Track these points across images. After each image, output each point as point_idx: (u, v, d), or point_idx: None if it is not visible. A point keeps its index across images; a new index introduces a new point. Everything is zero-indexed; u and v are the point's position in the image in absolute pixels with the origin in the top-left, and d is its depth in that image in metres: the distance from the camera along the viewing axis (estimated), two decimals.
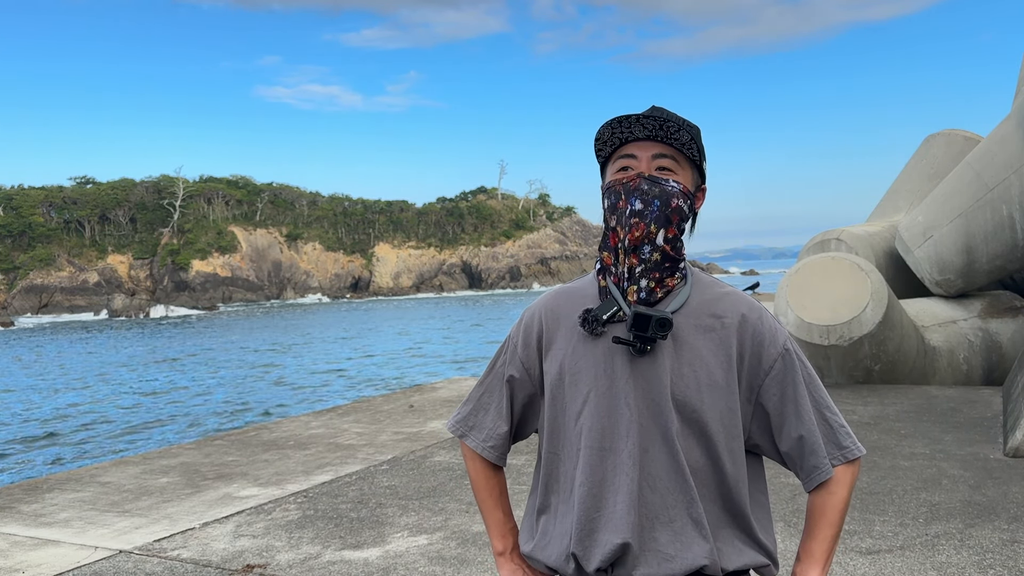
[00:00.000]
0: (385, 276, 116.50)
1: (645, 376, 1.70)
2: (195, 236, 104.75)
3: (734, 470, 1.72)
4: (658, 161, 1.73)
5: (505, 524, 1.95)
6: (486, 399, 1.92)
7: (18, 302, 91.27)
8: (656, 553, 1.68)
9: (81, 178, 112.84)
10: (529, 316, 1.87)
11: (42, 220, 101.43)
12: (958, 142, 13.17)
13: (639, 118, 1.71)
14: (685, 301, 1.74)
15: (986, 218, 10.41)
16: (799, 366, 1.76)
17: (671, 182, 1.72)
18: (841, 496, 1.75)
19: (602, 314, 1.71)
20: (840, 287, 9.46)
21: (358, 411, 9.56)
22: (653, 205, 1.69)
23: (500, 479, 1.96)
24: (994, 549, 4.34)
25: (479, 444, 1.91)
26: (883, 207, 14.08)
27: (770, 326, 1.75)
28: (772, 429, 1.76)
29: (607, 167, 1.80)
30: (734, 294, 1.79)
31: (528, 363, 1.85)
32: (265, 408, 21.75)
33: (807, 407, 1.74)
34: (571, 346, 1.77)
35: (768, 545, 1.77)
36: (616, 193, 1.73)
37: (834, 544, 1.77)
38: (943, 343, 10.43)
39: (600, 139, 1.77)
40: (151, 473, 6.91)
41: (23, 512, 5.88)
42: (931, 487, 5.49)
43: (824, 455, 1.74)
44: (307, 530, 5.17)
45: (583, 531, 1.71)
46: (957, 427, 7.26)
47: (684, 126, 1.73)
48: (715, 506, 1.72)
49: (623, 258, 1.72)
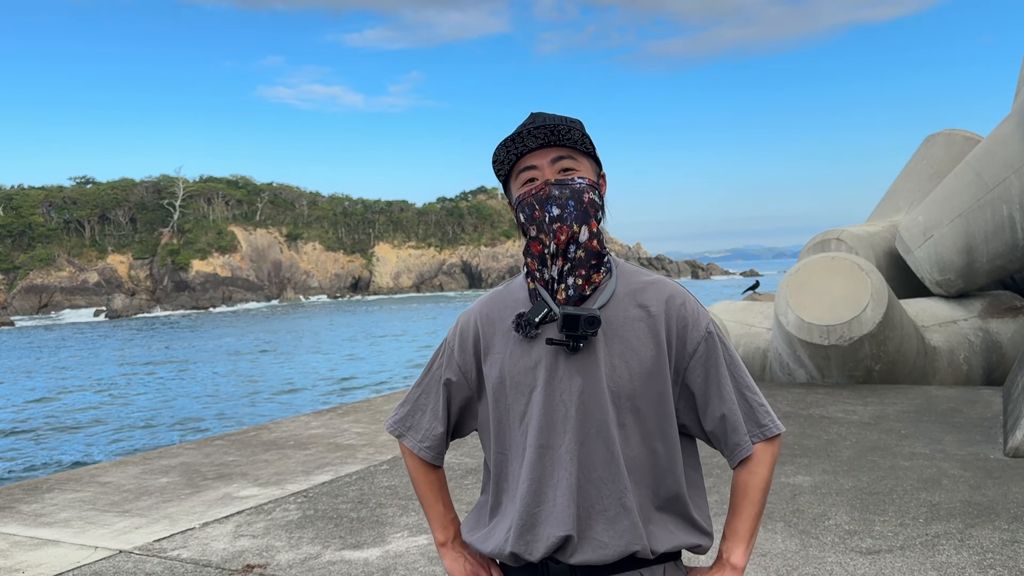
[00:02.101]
0: (385, 276, 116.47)
1: (580, 372, 1.77)
2: (195, 236, 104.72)
3: (668, 454, 1.81)
4: (559, 164, 1.80)
5: (446, 516, 2.03)
6: (423, 401, 1.99)
7: (18, 302, 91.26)
8: (592, 541, 1.76)
9: (81, 178, 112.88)
10: (465, 321, 1.93)
11: (42, 220, 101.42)
12: (958, 142, 13.16)
13: (530, 131, 1.78)
14: (612, 294, 1.81)
15: (986, 218, 10.41)
16: (721, 348, 1.84)
17: (577, 179, 1.79)
18: (762, 475, 1.84)
19: (534, 317, 1.78)
20: (840, 287, 9.46)
21: (358, 411, 9.56)
22: (569, 206, 1.76)
23: (439, 475, 2.04)
24: (994, 549, 4.34)
25: (415, 444, 1.98)
26: (883, 207, 14.07)
27: (693, 310, 1.84)
28: (697, 409, 1.85)
29: (510, 184, 1.86)
30: (659, 282, 1.86)
31: (465, 367, 1.91)
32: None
33: (728, 387, 1.82)
34: (508, 350, 1.83)
35: (702, 523, 1.86)
36: (530, 205, 1.79)
37: (757, 522, 1.87)
38: (943, 343, 10.43)
39: (497, 160, 1.84)
40: (151, 473, 6.90)
41: (23, 512, 5.88)
42: (931, 487, 5.49)
43: (744, 433, 1.82)
44: (307, 530, 5.17)
45: (524, 526, 1.78)
46: (957, 427, 7.25)
47: (571, 124, 1.80)
48: (650, 491, 1.80)
49: (550, 262, 1.78)
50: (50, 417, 21.53)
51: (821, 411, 8.20)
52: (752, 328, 11.62)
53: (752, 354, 11.30)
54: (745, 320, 11.90)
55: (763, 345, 11.18)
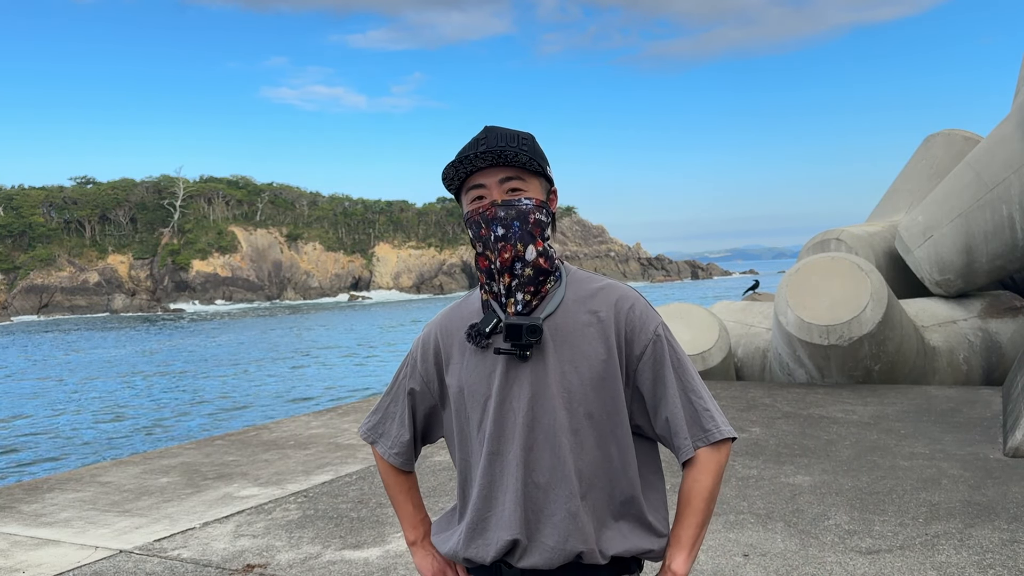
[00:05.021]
0: (385, 276, 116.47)
1: (531, 380, 1.80)
2: (195, 236, 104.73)
3: (622, 457, 1.84)
4: (506, 184, 1.82)
5: (415, 516, 2.09)
6: (392, 409, 2.05)
7: (18, 302, 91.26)
8: (539, 544, 1.80)
9: (81, 178, 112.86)
10: (426, 334, 1.99)
11: (42, 220, 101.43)
12: (958, 142, 13.16)
13: (478, 154, 1.79)
14: (561, 302, 1.84)
15: (986, 218, 10.41)
16: (668, 350, 1.86)
17: (523, 200, 1.82)
18: (704, 483, 1.82)
19: (484, 327, 1.82)
20: (840, 287, 9.46)
21: (358, 411, 9.57)
22: (514, 227, 1.80)
23: (410, 478, 2.10)
24: (994, 549, 4.35)
25: (386, 451, 2.05)
26: (883, 207, 14.07)
27: (641, 313, 1.86)
28: (648, 411, 1.88)
29: (461, 197, 1.89)
30: (608, 287, 1.88)
31: (427, 378, 1.97)
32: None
33: (674, 390, 1.84)
34: (465, 360, 1.88)
35: (657, 526, 1.87)
36: (476, 223, 1.83)
37: (700, 530, 1.84)
38: (943, 343, 10.43)
39: (447, 178, 1.86)
40: (151, 473, 6.91)
41: (23, 512, 5.88)
42: (931, 487, 5.49)
43: (686, 436, 1.83)
44: (307, 530, 5.17)
45: (475, 530, 1.85)
46: (957, 427, 7.25)
47: (521, 145, 1.82)
48: (604, 495, 1.83)
49: (498, 277, 1.82)
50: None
51: (821, 411, 8.20)
52: (752, 328, 11.62)
53: (752, 354, 11.30)
54: (745, 320, 11.90)
55: (763, 345, 11.18)
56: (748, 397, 9.15)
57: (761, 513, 5.07)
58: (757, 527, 4.82)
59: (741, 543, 4.57)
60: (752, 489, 5.58)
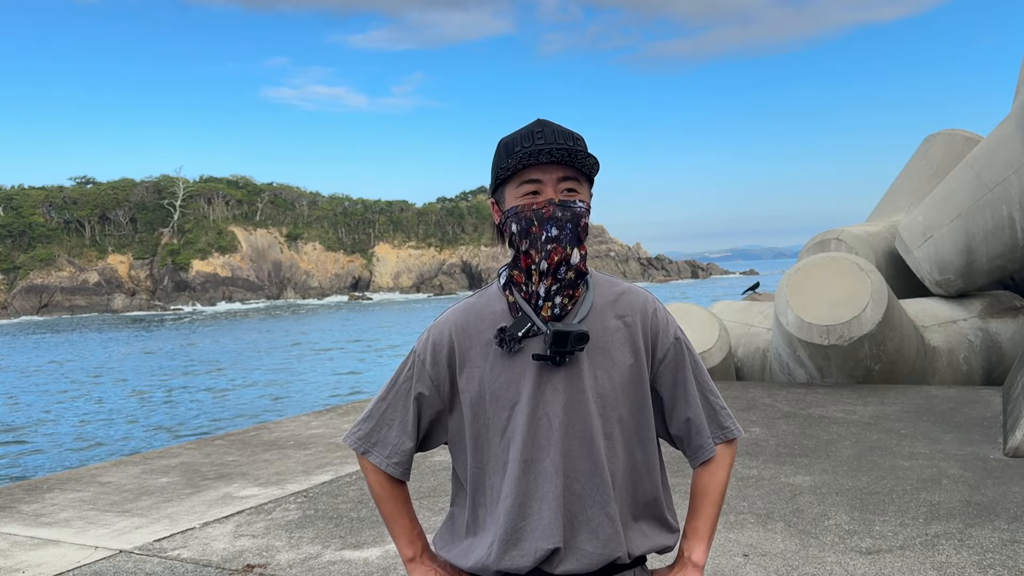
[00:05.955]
0: (385, 276, 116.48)
1: (564, 385, 1.78)
2: (195, 236, 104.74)
3: (646, 460, 1.86)
4: (563, 184, 1.79)
5: (412, 531, 1.98)
6: (389, 415, 1.92)
7: (18, 302, 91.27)
8: (576, 551, 1.78)
9: (81, 178, 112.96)
10: (438, 334, 1.88)
11: (42, 220, 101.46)
12: (958, 142, 13.16)
13: (547, 150, 1.75)
14: (591, 306, 1.83)
15: (986, 218, 10.40)
16: (687, 354, 1.89)
17: (578, 203, 1.80)
18: (721, 477, 1.91)
19: (517, 331, 1.78)
20: (840, 287, 9.46)
21: (358, 411, 9.56)
22: (567, 228, 1.77)
23: (403, 490, 1.99)
24: (994, 549, 4.34)
25: (383, 460, 1.92)
26: (883, 207, 14.07)
27: (663, 317, 1.89)
28: (664, 412, 1.91)
29: (506, 185, 1.82)
30: (629, 291, 1.90)
31: (438, 381, 1.87)
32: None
33: (694, 391, 1.88)
34: (488, 363, 1.81)
35: (673, 522, 1.92)
36: (528, 219, 1.77)
37: (715, 521, 1.93)
38: (943, 343, 10.43)
39: (503, 165, 1.80)
40: (151, 473, 6.91)
41: (23, 512, 5.88)
42: (931, 487, 5.49)
43: (708, 435, 1.89)
44: (307, 530, 5.17)
45: (510, 540, 1.78)
46: (957, 427, 7.25)
47: (583, 148, 1.79)
48: (629, 497, 1.84)
49: (537, 279, 1.78)
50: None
51: (821, 411, 8.20)
52: (752, 328, 11.62)
53: (752, 354, 11.30)
54: (745, 320, 11.90)
55: (763, 345, 11.18)
56: (748, 397, 9.15)
57: (761, 513, 5.07)
58: (757, 527, 4.82)
59: (741, 543, 4.57)
60: (752, 489, 5.58)
